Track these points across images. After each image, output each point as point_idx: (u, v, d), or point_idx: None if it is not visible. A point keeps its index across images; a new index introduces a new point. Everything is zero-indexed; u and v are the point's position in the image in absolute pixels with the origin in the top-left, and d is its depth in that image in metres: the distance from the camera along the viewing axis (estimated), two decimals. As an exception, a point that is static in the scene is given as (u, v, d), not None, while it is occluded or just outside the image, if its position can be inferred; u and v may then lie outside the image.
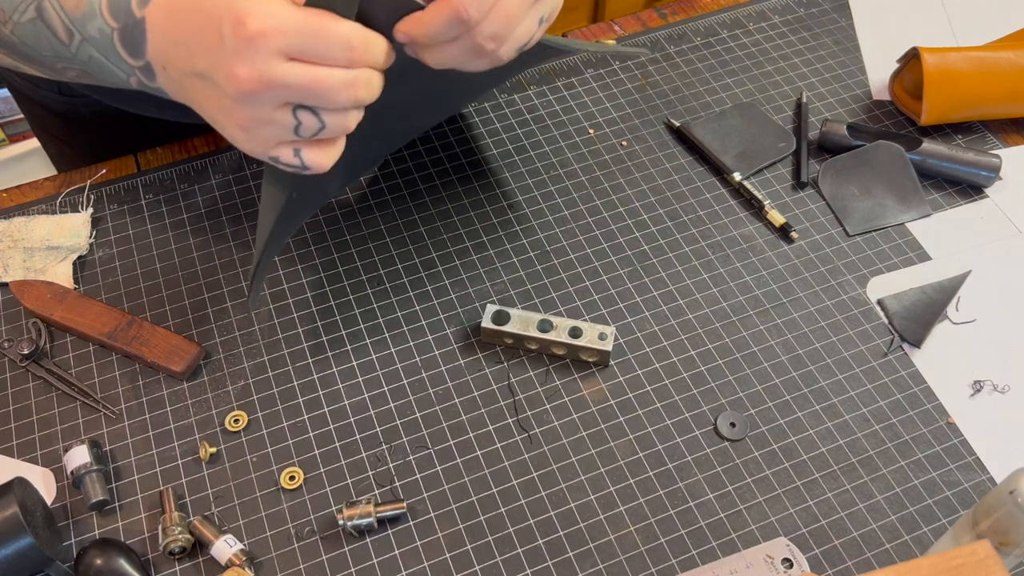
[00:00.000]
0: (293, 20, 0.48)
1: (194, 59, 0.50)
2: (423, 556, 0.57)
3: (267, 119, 0.50)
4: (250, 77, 0.48)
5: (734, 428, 0.63)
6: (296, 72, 0.48)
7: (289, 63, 0.48)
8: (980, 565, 0.39)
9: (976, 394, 0.64)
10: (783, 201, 0.75)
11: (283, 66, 0.48)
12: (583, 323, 0.65)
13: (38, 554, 0.53)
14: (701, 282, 0.71)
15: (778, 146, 0.79)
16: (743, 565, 0.56)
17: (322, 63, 0.49)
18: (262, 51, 0.48)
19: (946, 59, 0.76)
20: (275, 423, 0.63)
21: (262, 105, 0.49)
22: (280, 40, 0.48)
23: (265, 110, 0.49)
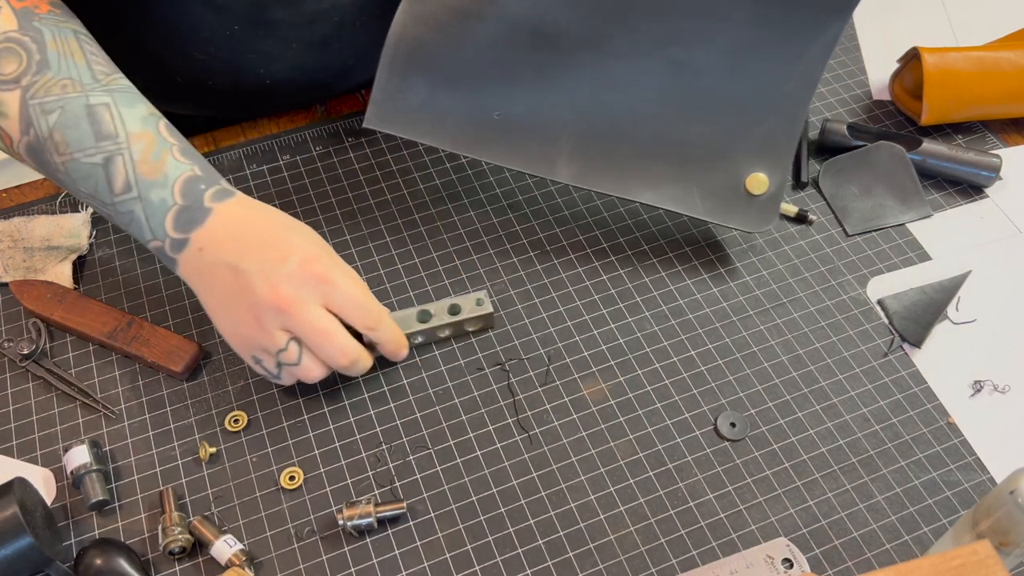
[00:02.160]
0: (350, 284, 0.58)
1: (244, 257, 0.57)
2: (423, 556, 0.57)
3: (267, 331, 0.57)
4: (288, 298, 0.56)
5: (734, 428, 0.63)
6: (321, 317, 0.57)
7: (322, 309, 0.57)
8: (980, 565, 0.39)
9: (976, 394, 0.64)
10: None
11: (317, 308, 0.57)
12: (458, 298, 0.67)
13: (38, 554, 0.53)
14: (701, 282, 0.71)
15: (778, 146, 0.79)
16: (743, 565, 0.56)
17: (357, 323, 0.59)
18: (313, 289, 0.57)
19: (946, 59, 0.76)
20: (275, 423, 0.63)
21: (274, 321, 0.57)
22: (331, 290, 0.57)
23: (272, 325, 0.57)
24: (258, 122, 0.82)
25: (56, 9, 0.61)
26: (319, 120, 0.82)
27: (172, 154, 0.59)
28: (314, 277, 0.57)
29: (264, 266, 0.56)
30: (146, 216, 0.58)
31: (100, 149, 0.57)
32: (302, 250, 0.57)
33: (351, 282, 0.58)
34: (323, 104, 0.83)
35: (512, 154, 0.68)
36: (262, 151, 0.79)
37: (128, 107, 0.59)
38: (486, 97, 0.68)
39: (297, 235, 0.59)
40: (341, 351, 0.58)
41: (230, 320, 0.58)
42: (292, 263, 0.57)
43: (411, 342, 0.66)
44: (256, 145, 0.80)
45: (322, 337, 0.57)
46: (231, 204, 0.59)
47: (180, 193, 0.58)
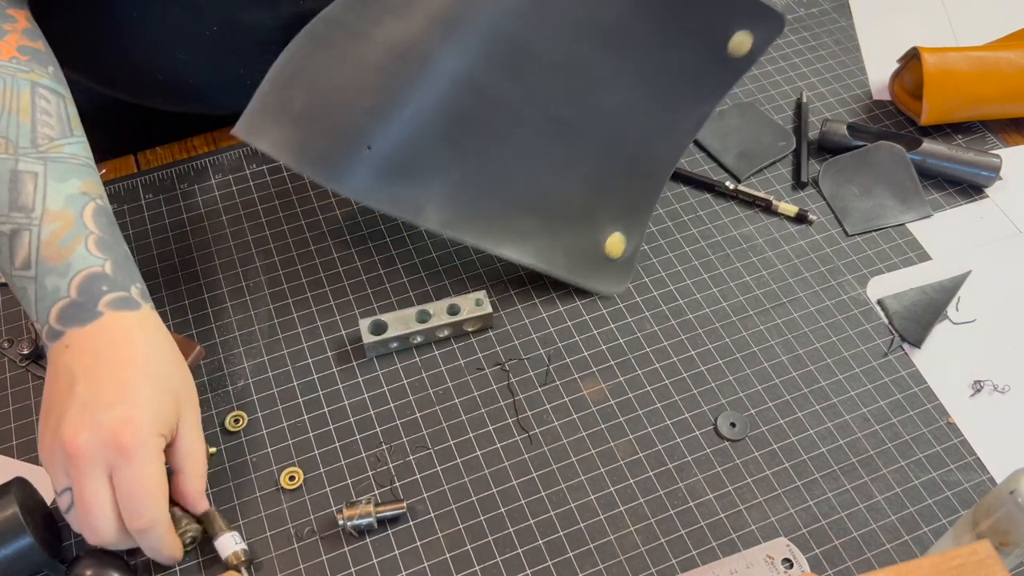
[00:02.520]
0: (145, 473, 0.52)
1: (84, 379, 0.52)
2: (423, 556, 0.57)
3: (54, 466, 0.52)
4: (79, 450, 0.51)
5: (734, 428, 0.63)
6: (96, 488, 0.51)
7: (104, 479, 0.52)
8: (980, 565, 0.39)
9: (976, 394, 0.64)
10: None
11: (98, 476, 0.51)
12: (457, 298, 0.66)
13: (38, 554, 0.53)
14: (701, 282, 0.71)
15: (778, 146, 0.79)
16: (743, 565, 0.56)
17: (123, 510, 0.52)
18: (107, 454, 0.51)
19: (946, 59, 0.76)
20: (275, 423, 0.63)
21: (60, 460, 0.52)
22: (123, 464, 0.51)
23: (58, 463, 0.52)
24: (258, 122, 0.82)
25: (23, 56, 0.57)
26: (319, 120, 0.82)
27: (85, 244, 0.55)
28: (115, 443, 0.51)
29: (88, 402, 0.52)
30: (36, 298, 0.54)
31: (10, 219, 0.54)
32: (131, 408, 0.52)
33: (147, 472, 0.52)
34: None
35: (379, 193, 0.63)
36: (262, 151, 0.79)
37: (58, 181, 0.55)
38: (360, 127, 0.62)
39: (149, 388, 0.53)
40: (92, 531, 0.52)
41: (43, 428, 0.54)
42: (110, 416, 0.51)
43: (411, 342, 0.66)
44: (256, 145, 0.80)
45: (83, 508, 0.52)
46: (126, 317, 0.54)
47: (77, 288, 0.54)
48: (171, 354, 0.57)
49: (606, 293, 0.68)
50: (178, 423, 0.55)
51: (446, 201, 0.64)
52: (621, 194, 0.68)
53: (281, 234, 0.74)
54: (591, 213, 0.68)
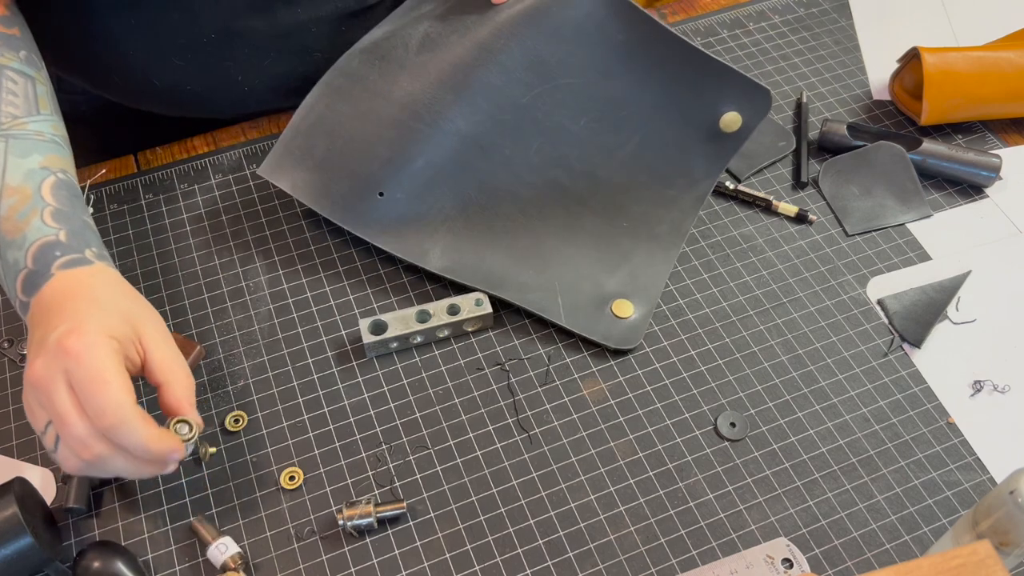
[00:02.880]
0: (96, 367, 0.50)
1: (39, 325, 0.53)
2: (423, 556, 0.57)
3: (31, 409, 0.52)
4: (38, 374, 0.50)
5: (734, 428, 0.63)
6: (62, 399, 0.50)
7: (65, 389, 0.50)
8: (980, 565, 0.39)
9: (976, 394, 0.64)
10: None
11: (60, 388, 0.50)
12: (457, 298, 0.66)
13: (38, 554, 0.53)
14: (701, 282, 0.71)
15: (778, 146, 0.79)
16: (743, 565, 0.56)
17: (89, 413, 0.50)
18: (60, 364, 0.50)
19: (946, 59, 0.76)
20: (275, 423, 0.63)
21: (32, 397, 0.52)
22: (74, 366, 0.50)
23: (33, 403, 0.52)
24: (258, 122, 0.82)
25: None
26: (319, 120, 0.82)
27: (41, 216, 0.55)
28: (63, 351, 0.50)
29: (40, 337, 0.52)
30: (3, 274, 0.55)
31: None
32: (73, 321, 0.51)
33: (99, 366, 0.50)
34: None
35: (388, 236, 0.69)
36: (262, 151, 0.79)
37: (19, 157, 0.56)
38: (374, 173, 0.69)
39: (93, 307, 0.53)
40: (78, 441, 0.50)
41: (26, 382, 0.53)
42: (53, 336, 0.51)
43: (411, 342, 0.66)
44: (256, 145, 0.80)
45: (60, 422, 0.50)
46: (75, 272, 0.54)
47: (32, 257, 0.54)
48: (123, 289, 0.56)
49: (615, 347, 0.66)
50: (142, 339, 0.54)
51: (449, 249, 0.69)
52: (626, 265, 0.69)
53: (281, 234, 0.74)
54: (596, 278, 0.69)
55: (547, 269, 0.69)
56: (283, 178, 0.70)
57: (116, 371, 0.51)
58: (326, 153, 0.70)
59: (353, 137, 0.70)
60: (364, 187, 0.69)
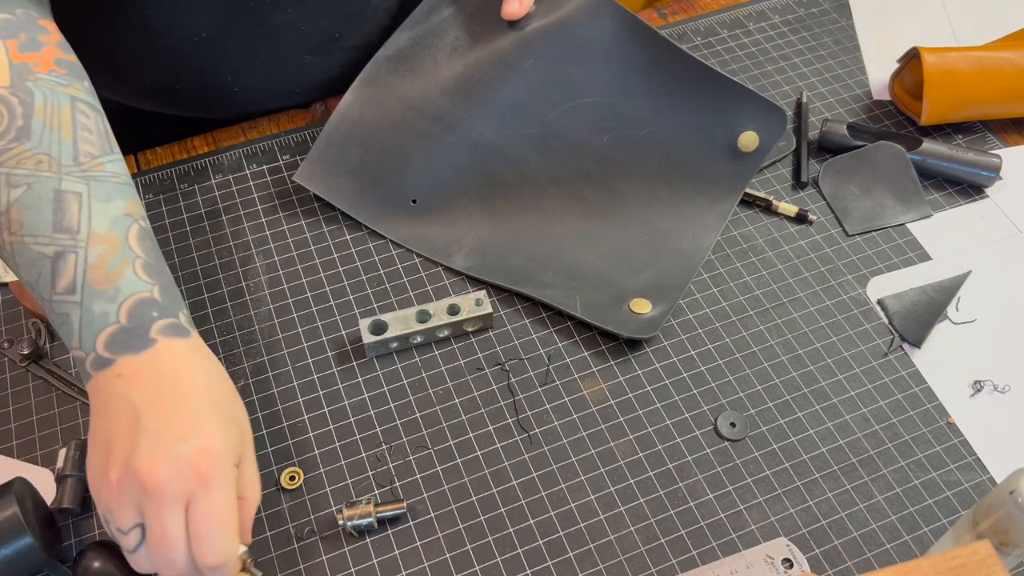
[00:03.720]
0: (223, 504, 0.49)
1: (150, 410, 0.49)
2: (423, 556, 0.57)
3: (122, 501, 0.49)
4: (157, 482, 0.48)
5: (734, 428, 0.63)
6: (174, 522, 0.48)
7: (181, 512, 0.48)
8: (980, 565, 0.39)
9: (976, 394, 0.64)
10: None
11: (177, 509, 0.48)
12: (457, 298, 0.67)
13: (38, 554, 0.53)
14: (701, 282, 0.71)
15: (778, 146, 0.79)
16: (743, 565, 0.56)
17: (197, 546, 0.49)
18: (186, 484, 0.48)
19: (946, 59, 0.76)
20: (275, 423, 0.63)
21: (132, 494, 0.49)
22: (202, 494, 0.48)
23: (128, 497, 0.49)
24: (258, 122, 0.82)
25: (61, 69, 0.55)
26: (319, 120, 0.82)
27: (133, 267, 0.52)
28: (195, 472, 0.48)
29: (159, 433, 0.49)
30: (80, 324, 0.51)
31: (54, 241, 0.51)
32: (207, 438, 0.49)
33: (223, 504, 0.49)
34: (323, 104, 0.83)
35: (417, 238, 0.72)
36: (262, 151, 0.79)
37: (102, 202, 0.53)
38: (408, 182, 0.73)
39: (217, 417, 0.51)
40: (171, 564, 0.49)
41: (101, 467, 0.50)
42: (186, 447, 0.49)
43: (411, 342, 0.66)
44: (256, 145, 0.80)
45: (162, 543, 0.48)
46: (177, 345, 0.52)
47: (127, 313, 0.51)
48: (227, 382, 0.54)
49: (630, 336, 0.66)
50: (242, 453, 0.53)
51: (473, 252, 0.71)
52: (648, 273, 0.70)
53: (281, 234, 0.74)
54: (616, 282, 0.69)
55: (568, 271, 0.70)
56: (319, 186, 0.73)
57: (236, 513, 0.50)
58: (360, 163, 0.73)
59: (387, 148, 0.73)
60: (398, 195, 0.73)
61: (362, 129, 0.74)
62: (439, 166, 0.73)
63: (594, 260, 0.70)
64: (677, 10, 0.91)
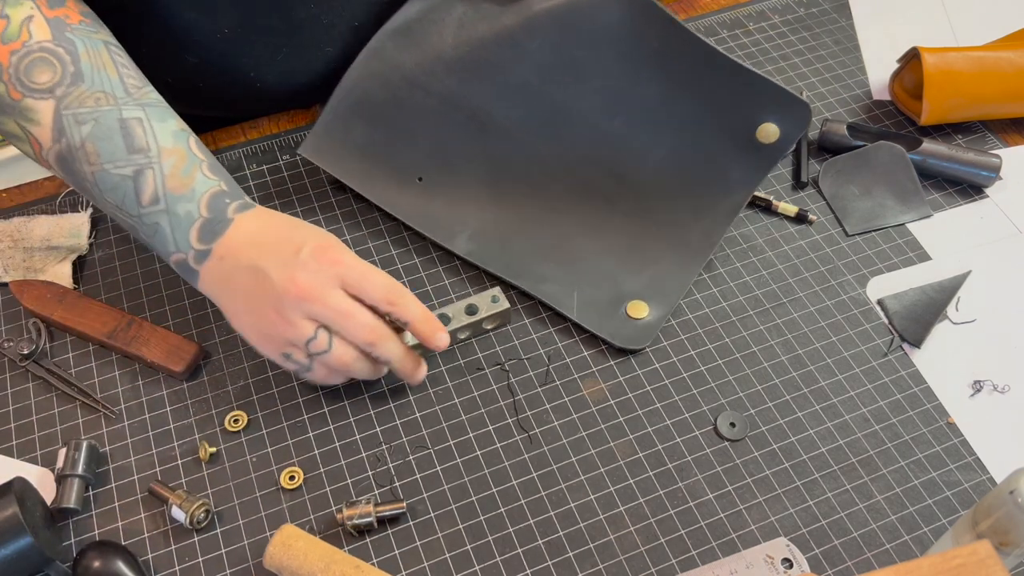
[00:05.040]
0: (364, 265, 0.59)
1: (262, 258, 0.58)
2: (423, 556, 0.57)
3: (292, 323, 0.57)
4: (307, 286, 0.56)
5: (734, 428, 0.63)
6: (342, 299, 0.57)
7: (341, 292, 0.58)
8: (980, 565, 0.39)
9: (976, 394, 0.64)
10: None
11: (337, 291, 0.57)
12: (473, 298, 0.67)
13: (38, 554, 0.53)
14: (701, 282, 0.71)
15: (778, 146, 0.79)
16: (743, 565, 0.56)
17: (365, 304, 0.58)
18: (329, 273, 0.57)
19: (946, 59, 0.76)
20: (275, 423, 0.63)
21: (297, 311, 0.57)
22: (347, 271, 0.58)
23: (296, 315, 0.57)
24: (258, 122, 0.82)
25: (87, 19, 0.61)
26: (319, 120, 0.82)
27: (201, 170, 0.60)
28: (328, 261, 0.57)
29: (280, 260, 0.57)
30: (172, 228, 0.59)
31: (131, 162, 0.58)
32: (313, 239, 0.58)
33: (364, 264, 0.59)
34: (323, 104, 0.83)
35: (422, 217, 0.72)
36: (262, 151, 0.79)
37: (160, 122, 0.60)
38: (415, 160, 0.72)
39: (307, 230, 0.60)
40: (367, 327, 0.58)
41: (254, 320, 0.59)
42: (305, 253, 0.57)
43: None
44: (256, 145, 0.80)
45: (345, 317, 0.57)
46: (250, 215, 0.60)
47: (206, 207, 0.59)
48: (297, 219, 0.62)
49: (623, 346, 0.66)
50: None
51: (477, 235, 0.71)
52: (650, 269, 0.69)
53: (281, 234, 0.74)
54: (617, 277, 0.69)
55: (569, 264, 0.69)
56: (325, 159, 0.73)
57: (370, 265, 0.59)
58: (367, 139, 0.73)
59: (393, 125, 0.73)
60: (404, 173, 0.72)
61: (368, 105, 0.73)
62: (446, 146, 0.72)
63: (597, 252, 0.70)
64: (677, 10, 0.91)
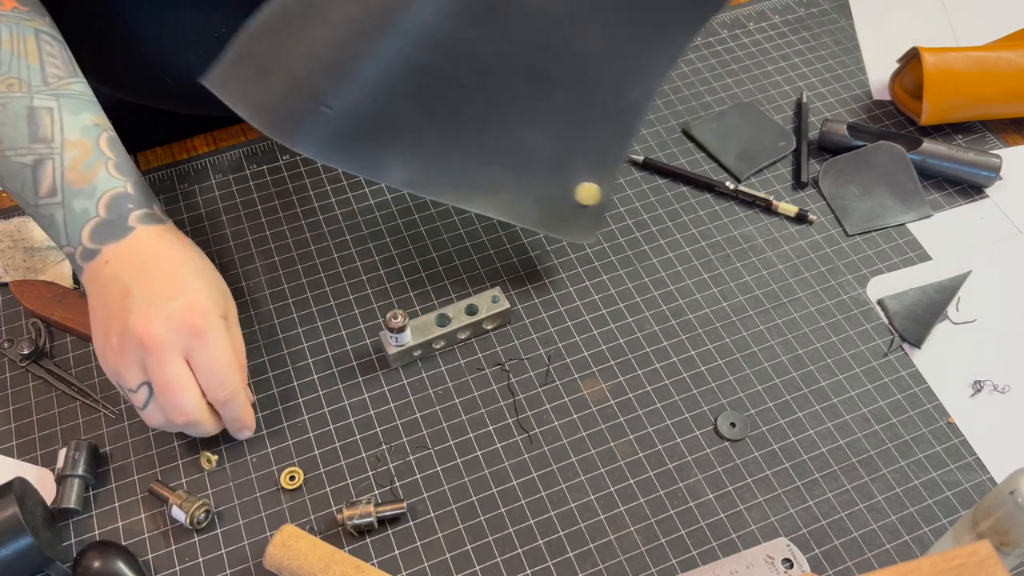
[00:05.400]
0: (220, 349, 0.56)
1: (138, 283, 0.56)
2: (423, 556, 0.57)
3: (126, 364, 0.55)
4: (156, 338, 0.54)
5: (734, 428, 0.63)
6: (176, 370, 0.55)
7: (182, 361, 0.55)
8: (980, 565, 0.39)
9: (976, 394, 0.64)
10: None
11: (178, 359, 0.55)
12: (473, 298, 0.66)
13: (38, 554, 0.53)
14: (701, 282, 0.71)
15: (778, 146, 0.79)
16: (743, 565, 0.56)
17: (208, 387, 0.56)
18: (182, 338, 0.55)
19: (946, 59, 0.76)
20: (275, 423, 0.63)
21: (135, 354, 0.55)
22: (200, 345, 0.55)
23: (132, 358, 0.55)
24: (258, 122, 0.82)
25: (23, 7, 0.60)
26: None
27: (106, 167, 0.58)
28: (188, 326, 0.55)
29: (150, 296, 0.55)
30: (65, 222, 0.58)
31: (32, 151, 0.57)
32: (192, 295, 0.56)
33: (222, 347, 0.56)
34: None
35: (340, 153, 0.60)
36: (262, 151, 0.79)
37: (72, 114, 0.59)
38: (317, 83, 0.59)
39: (199, 281, 0.57)
40: (179, 410, 0.55)
41: (103, 337, 0.57)
42: (175, 304, 0.55)
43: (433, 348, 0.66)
44: (256, 145, 0.80)
45: (167, 391, 0.55)
46: (153, 230, 0.58)
47: (105, 207, 0.57)
48: (204, 257, 0.61)
49: (578, 242, 0.65)
50: (228, 316, 0.59)
51: (413, 159, 0.62)
52: (594, 142, 0.66)
53: (281, 234, 0.74)
54: (563, 162, 0.66)
55: (517, 162, 0.65)
56: (223, 89, 0.60)
57: (232, 352, 0.57)
58: (269, 59, 0.60)
59: (298, 38, 0.60)
60: (306, 98, 0.59)
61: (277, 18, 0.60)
62: (359, 60, 0.59)
63: (543, 139, 0.65)
64: (677, 10, 0.91)
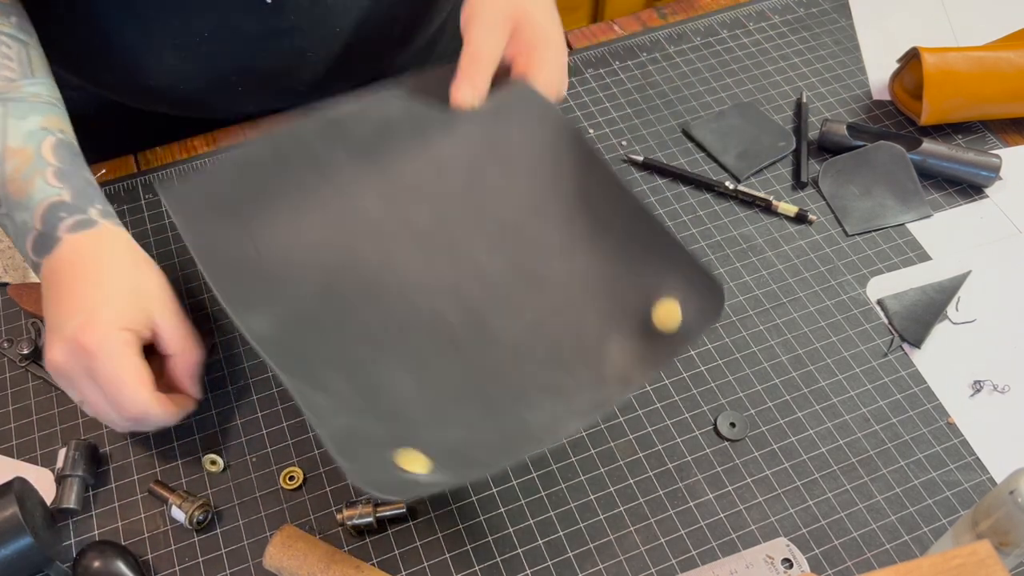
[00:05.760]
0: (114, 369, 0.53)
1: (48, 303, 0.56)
2: (423, 556, 0.57)
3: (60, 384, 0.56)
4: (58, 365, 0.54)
5: (734, 428, 0.63)
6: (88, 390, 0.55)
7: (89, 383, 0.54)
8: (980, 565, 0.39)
9: (976, 394, 0.64)
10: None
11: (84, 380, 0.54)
12: None
13: (38, 554, 0.53)
14: (701, 282, 0.70)
15: (778, 146, 0.79)
16: (743, 565, 0.56)
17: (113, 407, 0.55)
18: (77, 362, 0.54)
19: (946, 59, 0.76)
20: (275, 423, 0.63)
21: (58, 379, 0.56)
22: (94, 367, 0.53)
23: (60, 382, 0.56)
24: (258, 122, 0.82)
25: None
26: (319, 120, 0.82)
27: (44, 176, 0.56)
28: (80, 348, 0.53)
29: (56, 319, 0.55)
30: (14, 235, 0.58)
31: None
32: (87, 313, 0.53)
33: (115, 365, 0.53)
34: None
35: None
36: (262, 151, 0.79)
37: (19, 119, 0.57)
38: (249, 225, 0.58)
39: (102, 293, 0.55)
40: (113, 423, 0.56)
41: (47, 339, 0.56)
42: (69, 327, 0.53)
43: None
44: (256, 145, 0.80)
45: (92, 410, 0.56)
46: (82, 237, 0.56)
47: (40, 219, 0.56)
48: (131, 259, 0.58)
49: None
50: (151, 316, 0.57)
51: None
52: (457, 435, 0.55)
53: (281, 234, 0.74)
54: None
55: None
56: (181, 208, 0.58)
57: (131, 367, 0.54)
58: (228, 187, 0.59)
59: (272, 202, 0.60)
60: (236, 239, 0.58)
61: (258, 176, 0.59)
62: None
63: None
64: (677, 10, 0.91)
